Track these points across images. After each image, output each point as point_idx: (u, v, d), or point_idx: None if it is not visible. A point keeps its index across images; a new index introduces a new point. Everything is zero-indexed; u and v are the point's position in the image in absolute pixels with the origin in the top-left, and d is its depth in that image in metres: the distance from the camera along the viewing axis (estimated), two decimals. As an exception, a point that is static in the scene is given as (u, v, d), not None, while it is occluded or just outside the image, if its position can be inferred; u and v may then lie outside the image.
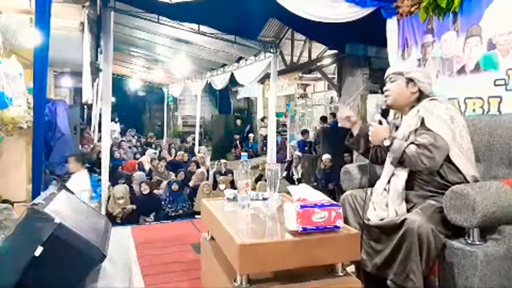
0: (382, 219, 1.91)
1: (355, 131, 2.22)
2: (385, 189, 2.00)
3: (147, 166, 8.35)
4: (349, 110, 2.28)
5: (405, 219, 1.73)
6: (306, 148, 8.91)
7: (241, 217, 1.89)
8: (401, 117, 2.16)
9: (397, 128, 2.12)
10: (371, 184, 2.15)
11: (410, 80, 2.03)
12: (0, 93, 3.70)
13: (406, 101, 2.06)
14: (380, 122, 2.03)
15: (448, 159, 1.87)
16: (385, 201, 1.96)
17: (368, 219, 1.97)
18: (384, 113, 2.11)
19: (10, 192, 3.75)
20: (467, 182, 1.85)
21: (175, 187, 6.39)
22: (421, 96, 2.04)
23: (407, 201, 1.93)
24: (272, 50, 7.14)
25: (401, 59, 3.57)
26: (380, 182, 2.06)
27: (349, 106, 2.36)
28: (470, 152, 1.93)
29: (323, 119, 9.44)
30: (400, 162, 1.92)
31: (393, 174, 1.99)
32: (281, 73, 8.86)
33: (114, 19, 5.05)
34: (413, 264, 1.65)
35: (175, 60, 9.36)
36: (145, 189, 6.21)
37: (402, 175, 1.95)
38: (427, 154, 1.82)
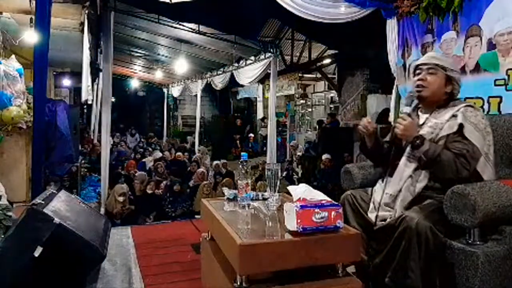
0: (383, 220, 1.91)
1: (368, 140, 2.10)
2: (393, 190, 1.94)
3: (147, 166, 8.37)
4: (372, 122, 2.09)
5: (404, 217, 1.72)
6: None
7: (241, 217, 1.89)
8: (418, 113, 2.03)
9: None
10: (373, 184, 2.14)
11: (449, 79, 1.92)
12: (0, 93, 3.70)
13: (438, 99, 1.94)
14: (409, 115, 1.89)
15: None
16: (391, 200, 1.92)
17: (371, 221, 1.96)
18: (384, 114, 2.07)
19: (10, 192, 3.75)
20: None
21: (176, 187, 6.40)
22: (450, 97, 1.94)
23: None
24: (272, 50, 7.15)
25: (401, 59, 3.58)
26: (393, 180, 1.95)
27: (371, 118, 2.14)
28: (493, 163, 1.87)
29: (320, 123, 9.41)
30: (429, 164, 1.81)
31: (410, 176, 1.89)
32: (281, 73, 8.88)
33: (114, 19, 5.05)
34: (412, 262, 1.64)
35: (175, 60, 9.37)
36: (150, 189, 6.21)
37: (423, 179, 1.86)
38: (465, 164, 1.74)
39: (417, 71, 2.00)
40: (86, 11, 4.65)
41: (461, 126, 1.82)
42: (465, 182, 1.75)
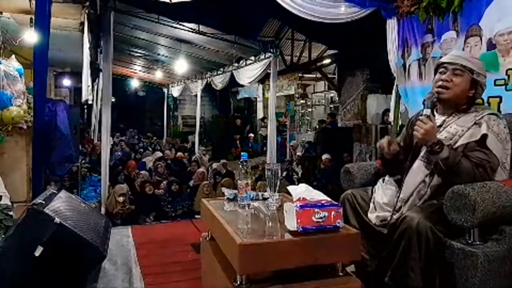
0: (384, 220, 1.91)
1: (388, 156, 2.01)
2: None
3: (147, 166, 8.37)
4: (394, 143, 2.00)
5: (404, 217, 1.72)
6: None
7: (241, 217, 1.89)
8: (433, 114, 1.92)
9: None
10: (373, 184, 2.15)
11: (474, 83, 1.81)
12: (0, 93, 3.70)
13: (459, 102, 1.84)
14: (429, 118, 1.78)
15: None
16: (397, 203, 1.89)
17: (371, 221, 1.96)
18: (383, 114, 2.06)
19: (10, 192, 3.74)
20: None
21: (175, 187, 6.40)
22: (470, 101, 1.85)
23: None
24: (272, 50, 7.15)
25: (401, 59, 3.58)
26: (407, 184, 1.88)
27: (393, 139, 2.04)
28: (508, 171, 1.82)
29: (321, 122, 9.43)
30: (448, 171, 1.74)
31: (423, 181, 1.84)
32: (281, 73, 8.87)
33: (114, 19, 5.05)
34: (412, 261, 1.65)
35: (175, 60, 9.37)
36: (150, 190, 6.21)
37: (435, 184, 1.81)
38: (484, 174, 1.70)
39: (441, 69, 1.88)
40: (86, 11, 4.65)
41: (484, 136, 1.74)
42: None
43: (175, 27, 6.65)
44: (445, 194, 1.72)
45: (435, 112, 1.95)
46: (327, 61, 7.99)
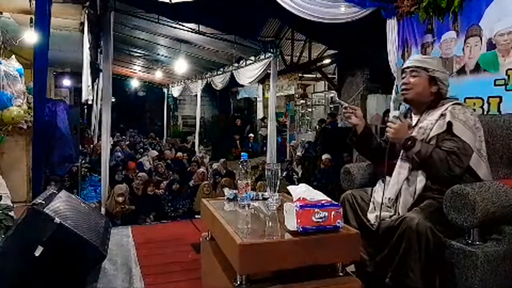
0: (383, 219, 1.91)
1: (359, 129, 2.12)
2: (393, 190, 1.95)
3: (147, 167, 8.36)
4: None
5: (404, 217, 1.73)
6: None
7: (241, 217, 1.89)
8: (411, 115, 2.08)
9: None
10: (373, 184, 2.15)
11: (433, 79, 1.96)
12: (0, 93, 3.70)
13: (425, 100, 1.98)
14: (399, 119, 1.93)
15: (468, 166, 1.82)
16: (391, 202, 1.93)
17: (368, 220, 1.97)
18: (383, 114, 2.10)
19: (10, 192, 3.74)
20: None
21: (176, 186, 6.39)
22: (438, 97, 1.97)
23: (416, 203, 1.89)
24: (272, 50, 7.15)
25: (401, 59, 3.58)
26: (391, 183, 1.97)
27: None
28: (486, 159, 1.89)
29: (322, 121, 9.42)
30: (422, 164, 1.84)
31: (407, 178, 1.91)
32: (281, 73, 8.87)
33: (114, 19, 5.05)
34: (412, 262, 1.65)
35: (175, 60, 9.37)
36: (151, 190, 6.21)
37: (421, 180, 1.87)
38: (457, 161, 1.77)
39: (403, 75, 2.05)
40: (86, 11, 4.66)
41: (449, 124, 1.85)
42: (460, 179, 1.78)
43: (175, 27, 6.65)
44: (445, 194, 1.72)
45: (412, 115, 2.09)
46: (327, 61, 7.98)
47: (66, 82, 10.24)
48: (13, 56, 4.17)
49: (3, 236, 2.29)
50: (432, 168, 1.81)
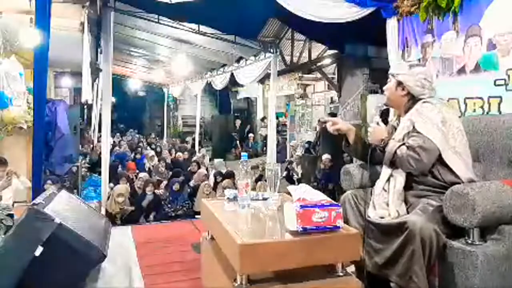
0: (382, 217, 1.91)
1: (350, 138, 2.22)
2: (384, 189, 2.00)
3: (146, 166, 8.36)
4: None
5: (406, 221, 1.72)
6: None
7: (241, 217, 1.89)
8: (399, 119, 2.17)
9: (395, 129, 2.12)
10: (372, 184, 2.15)
11: (399, 83, 2.06)
12: (0, 93, 3.70)
13: (399, 103, 2.09)
14: (378, 123, 2.07)
15: (441, 161, 1.87)
16: (385, 201, 1.96)
17: (369, 217, 1.97)
18: (383, 114, 2.12)
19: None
20: (463, 182, 1.83)
21: (176, 186, 6.39)
22: (415, 98, 2.03)
23: (405, 201, 1.93)
24: (272, 50, 7.14)
25: (401, 59, 3.58)
26: (379, 182, 2.05)
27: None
28: (465, 155, 1.91)
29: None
30: (391, 162, 1.95)
31: (391, 175, 1.99)
32: (281, 73, 8.85)
33: (114, 19, 5.04)
34: (416, 266, 1.64)
35: (175, 60, 9.36)
36: (150, 190, 6.20)
37: (400, 176, 1.95)
38: (415, 156, 1.84)
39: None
40: (86, 11, 4.66)
41: (414, 122, 1.93)
42: (426, 174, 1.89)
43: (175, 27, 6.65)
44: (445, 194, 1.72)
45: (397, 122, 2.18)
46: (327, 61, 7.97)
47: (66, 82, 10.23)
48: (13, 56, 4.17)
49: (3, 236, 2.29)
50: (397, 165, 1.92)
